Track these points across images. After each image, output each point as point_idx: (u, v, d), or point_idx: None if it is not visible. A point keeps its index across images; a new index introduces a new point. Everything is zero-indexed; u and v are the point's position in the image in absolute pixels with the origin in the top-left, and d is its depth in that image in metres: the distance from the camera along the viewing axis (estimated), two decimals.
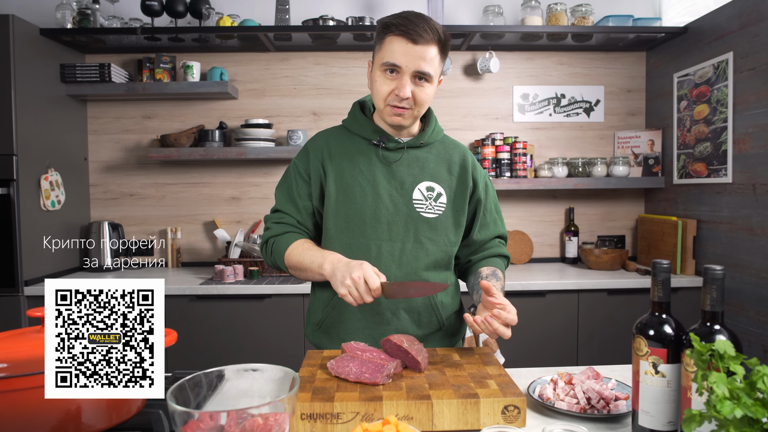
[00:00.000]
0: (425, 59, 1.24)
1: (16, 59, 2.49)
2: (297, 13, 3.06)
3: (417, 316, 1.37)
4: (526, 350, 2.62)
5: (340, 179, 1.36)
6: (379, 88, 1.28)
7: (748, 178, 2.38)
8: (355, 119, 1.41)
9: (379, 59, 1.28)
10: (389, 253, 1.34)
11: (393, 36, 1.24)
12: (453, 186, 1.40)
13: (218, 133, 2.95)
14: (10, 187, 2.49)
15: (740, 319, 2.41)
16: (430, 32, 1.23)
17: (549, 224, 3.25)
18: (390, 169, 1.36)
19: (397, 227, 1.34)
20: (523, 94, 3.19)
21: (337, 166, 1.37)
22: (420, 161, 1.38)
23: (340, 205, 1.35)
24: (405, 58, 1.23)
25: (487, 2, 3.11)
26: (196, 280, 2.69)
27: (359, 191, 1.34)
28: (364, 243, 1.34)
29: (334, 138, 1.42)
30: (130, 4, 3.04)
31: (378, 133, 1.37)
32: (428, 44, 1.23)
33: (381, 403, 0.94)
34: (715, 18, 2.57)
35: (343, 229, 1.35)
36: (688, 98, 2.78)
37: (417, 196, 1.36)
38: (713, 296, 0.84)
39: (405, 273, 1.35)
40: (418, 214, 1.35)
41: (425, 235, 1.36)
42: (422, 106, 1.30)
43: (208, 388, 0.78)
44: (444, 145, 1.44)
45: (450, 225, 1.39)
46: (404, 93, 1.24)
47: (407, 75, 1.24)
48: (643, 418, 0.91)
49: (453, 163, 1.41)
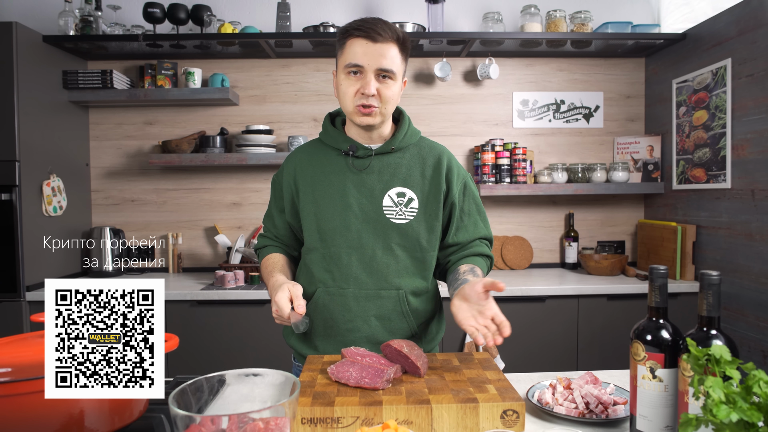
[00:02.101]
0: (386, 57, 1.27)
1: (19, 66, 2.51)
2: (298, 20, 3.08)
3: (388, 323, 1.37)
4: (526, 355, 2.62)
5: (312, 192, 1.39)
6: (345, 90, 1.31)
7: (746, 184, 2.39)
8: (326, 131, 1.44)
9: (341, 63, 1.32)
10: (359, 261, 1.35)
11: (353, 38, 1.28)
12: (425, 190, 1.38)
13: (219, 139, 2.97)
14: (12, 192, 2.50)
15: (740, 324, 2.42)
16: (389, 31, 1.27)
17: (549, 230, 3.26)
18: (360, 177, 1.37)
19: (367, 235, 1.35)
20: (523, 100, 3.21)
21: (310, 179, 1.40)
22: (391, 167, 1.38)
23: (312, 218, 1.38)
24: (366, 57, 1.26)
25: (486, 9, 3.14)
26: (196, 285, 2.70)
27: (329, 202, 1.37)
28: (336, 252, 1.36)
29: (309, 152, 1.45)
30: (133, 12, 3.06)
31: (348, 142, 1.39)
32: (387, 42, 1.27)
33: (381, 407, 0.94)
34: (714, 24, 2.59)
35: (317, 240, 1.38)
36: (687, 104, 2.79)
37: (387, 202, 1.36)
38: (709, 301, 0.85)
39: (376, 280, 1.35)
40: (388, 220, 1.35)
41: (395, 242, 1.36)
42: (389, 104, 1.31)
43: (209, 393, 0.79)
44: (419, 149, 1.42)
45: (422, 230, 1.37)
46: (369, 90, 1.27)
47: (371, 73, 1.27)
48: (640, 423, 0.92)
49: (426, 167, 1.40)
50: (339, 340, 1.37)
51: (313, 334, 1.41)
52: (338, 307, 1.36)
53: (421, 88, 3.19)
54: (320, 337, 1.39)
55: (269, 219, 1.52)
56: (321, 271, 1.38)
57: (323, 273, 1.38)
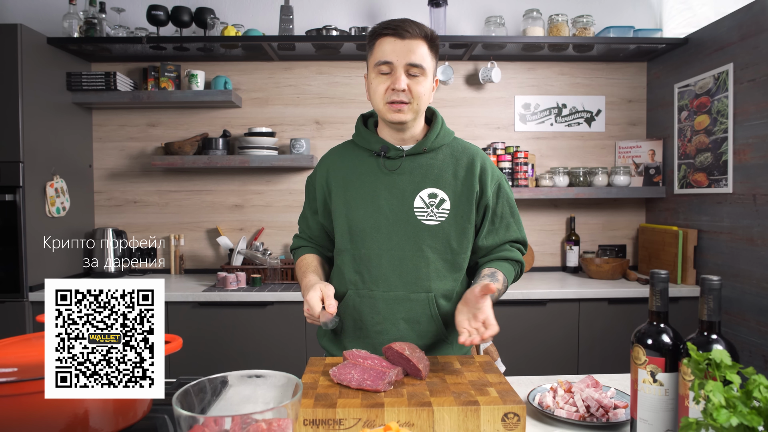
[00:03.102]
0: (415, 53, 1.28)
1: (24, 67, 2.52)
2: (300, 23, 3.09)
3: (417, 326, 1.36)
4: (527, 359, 2.62)
5: (344, 193, 1.39)
6: (375, 88, 1.31)
7: (748, 189, 2.39)
8: (359, 132, 1.45)
9: (372, 62, 1.33)
10: (389, 262, 1.35)
11: (382, 38, 1.30)
12: (458, 191, 1.36)
13: (222, 141, 2.98)
14: (16, 193, 2.51)
15: (741, 329, 2.42)
16: (417, 29, 1.29)
17: (550, 233, 3.26)
18: (391, 178, 1.37)
19: (398, 236, 1.35)
20: (525, 104, 3.22)
21: (342, 180, 1.40)
22: (423, 168, 1.37)
23: (344, 219, 1.39)
24: (395, 54, 1.28)
25: (488, 13, 3.15)
26: (198, 287, 2.70)
27: (361, 203, 1.37)
28: (366, 254, 1.36)
29: (341, 153, 1.46)
30: (136, 14, 3.08)
31: (380, 143, 1.39)
32: (416, 38, 1.28)
33: (382, 409, 0.95)
34: (716, 29, 2.59)
35: (348, 241, 1.39)
36: (688, 109, 2.79)
37: (418, 203, 1.35)
38: (710, 306, 0.85)
39: (405, 282, 1.35)
40: (419, 221, 1.35)
41: (426, 243, 1.35)
42: (420, 100, 1.31)
43: (212, 394, 0.79)
44: (452, 149, 1.41)
45: (453, 232, 1.36)
46: (400, 85, 1.27)
47: (400, 68, 1.28)
48: (641, 426, 0.92)
49: (459, 168, 1.38)
50: (368, 342, 1.37)
51: (343, 335, 1.41)
52: (367, 309, 1.36)
53: None
54: (350, 338, 1.40)
55: (303, 220, 1.54)
56: (351, 273, 1.38)
57: (353, 274, 1.38)
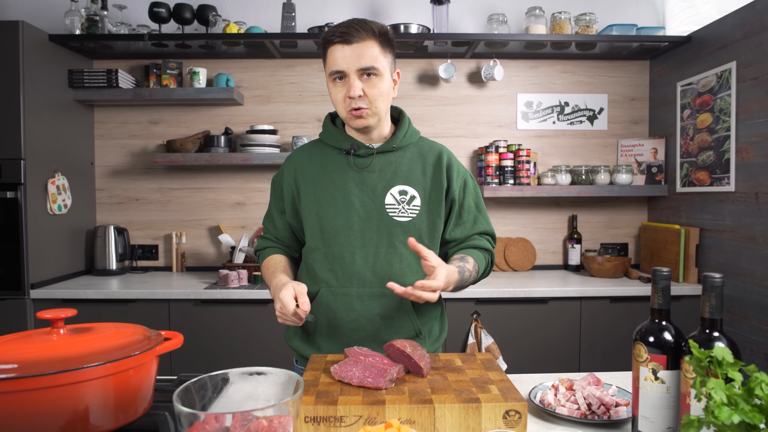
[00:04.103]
0: (364, 56, 1.27)
1: (25, 64, 2.52)
2: (303, 20, 3.09)
3: (392, 321, 1.37)
4: (529, 357, 2.62)
5: (314, 192, 1.39)
6: (334, 97, 1.33)
7: (750, 187, 2.38)
8: (327, 131, 1.45)
9: (327, 72, 1.33)
10: (363, 259, 1.36)
11: (331, 46, 1.29)
12: (427, 188, 1.39)
13: (224, 138, 2.98)
14: (17, 190, 2.51)
15: (742, 327, 2.41)
16: (363, 30, 1.27)
17: (552, 232, 3.26)
18: (362, 175, 1.38)
19: (370, 233, 1.36)
20: (527, 102, 3.21)
21: (311, 179, 1.40)
22: (393, 165, 1.39)
23: (315, 217, 1.38)
24: (345, 61, 1.27)
25: (491, 10, 3.14)
26: (200, 284, 2.70)
27: (332, 201, 1.37)
28: (339, 251, 1.36)
29: (309, 152, 1.45)
30: (138, 11, 3.08)
31: (349, 141, 1.39)
32: (364, 41, 1.27)
33: (384, 406, 0.95)
34: (719, 27, 2.59)
35: (319, 239, 1.38)
36: (691, 107, 2.79)
37: (389, 200, 1.36)
38: (712, 304, 0.85)
39: (380, 278, 1.35)
40: (391, 218, 1.36)
41: (399, 240, 1.36)
42: (378, 101, 1.31)
43: (213, 391, 0.79)
44: (419, 148, 1.43)
45: (425, 228, 1.38)
46: (354, 92, 1.27)
47: (353, 75, 1.28)
48: (642, 424, 0.92)
49: (427, 165, 1.40)
50: (343, 339, 1.37)
51: (316, 334, 1.41)
52: (342, 307, 1.36)
53: (426, 89, 3.20)
54: (324, 336, 1.39)
55: (269, 220, 1.51)
56: (324, 271, 1.38)
57: (326, 273, 1.38)
